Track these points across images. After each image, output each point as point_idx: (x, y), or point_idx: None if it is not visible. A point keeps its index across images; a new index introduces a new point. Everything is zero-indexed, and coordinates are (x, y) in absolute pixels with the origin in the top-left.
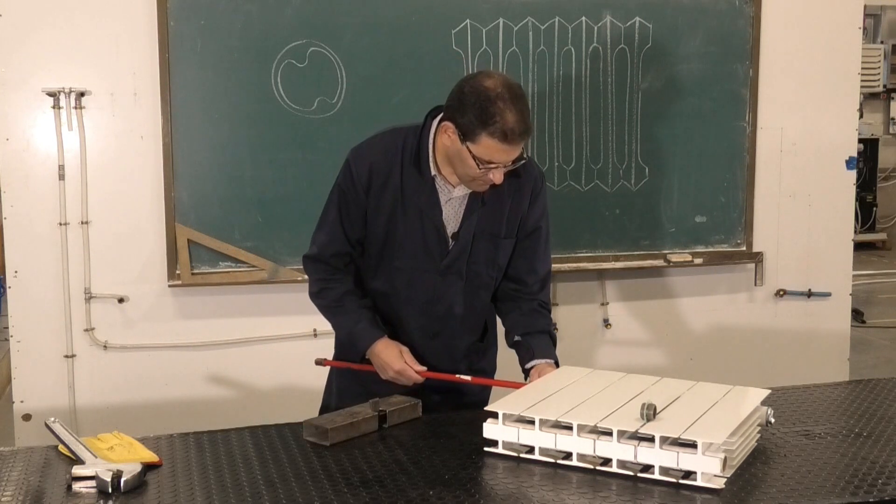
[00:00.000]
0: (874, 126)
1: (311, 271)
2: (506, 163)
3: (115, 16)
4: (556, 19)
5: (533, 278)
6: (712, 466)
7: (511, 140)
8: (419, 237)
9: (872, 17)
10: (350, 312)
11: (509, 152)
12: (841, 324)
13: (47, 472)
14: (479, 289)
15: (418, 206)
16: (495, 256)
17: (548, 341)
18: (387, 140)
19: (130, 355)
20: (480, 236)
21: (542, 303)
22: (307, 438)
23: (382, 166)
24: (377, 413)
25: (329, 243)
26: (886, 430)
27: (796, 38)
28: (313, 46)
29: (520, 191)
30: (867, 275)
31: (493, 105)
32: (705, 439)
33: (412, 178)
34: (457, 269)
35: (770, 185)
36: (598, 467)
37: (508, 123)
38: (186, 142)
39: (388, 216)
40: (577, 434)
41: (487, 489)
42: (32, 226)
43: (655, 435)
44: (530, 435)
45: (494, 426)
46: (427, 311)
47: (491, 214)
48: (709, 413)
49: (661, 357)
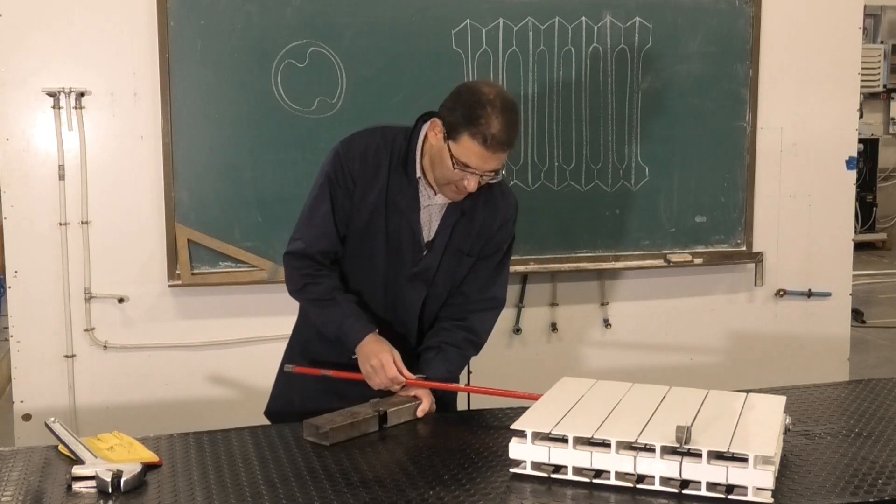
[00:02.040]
0: (874, 126)
1: (295, 268)
2: (482, 170)
3: (115, 16)
4: (556, 19)
5: (473, 295)
6: (765, 480)
7: (491, 146)
8: (396, 238)
9: (872, 17)
10: (341, 305)
11: (487, 159)
12: (841, 324)
13: (47, 472)
14: (436, 299)
15: (399, 206)
16: (455, 271)
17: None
18: (377, 136)
19: (130, 355)
20: (450, 250)
21: (469, 325)
22: (307, 438)
23: (372, 160)
24: (377, 413)
25: (319, 239)
26: (886, 430)
27: (796, 38)
28: (313, 46)
29: (493, 214)
30: (867, 275)
31: (483, 108)
32: (756, 452)
33: (398, 178)
34: (424, 278)
35: (770, 185)
36: (636, 485)
37: (492, 129)
38: (186, 142)
39: (372, 212)
40: (615, 451)
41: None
42: (32, 226)
43: (703, 449)
44: (563, 454)
45: (522, 445)
46: (390, 316)
47: (463, 231)
48: (742, 424)
49: (661, 357)
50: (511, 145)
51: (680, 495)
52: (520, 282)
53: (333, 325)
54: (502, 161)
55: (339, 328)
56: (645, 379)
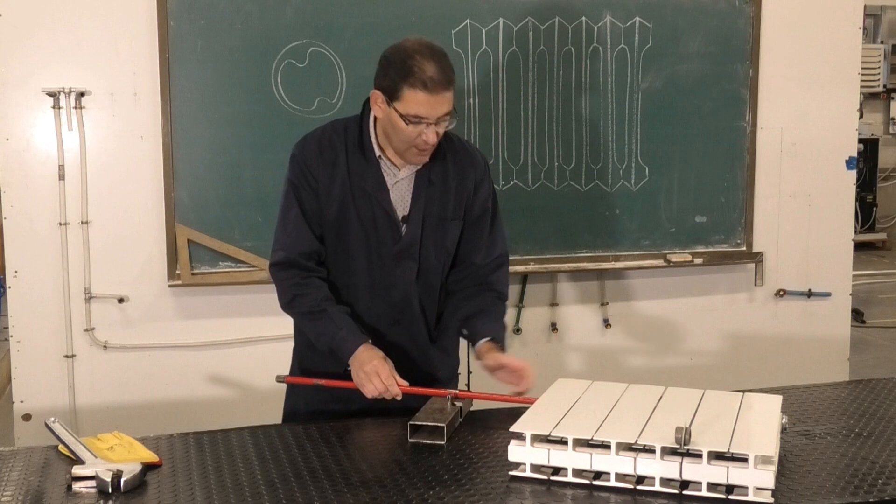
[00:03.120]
0: (874, 126)
1: (282, 279)
2: (432, 117)
3: (115, 16)
4: (556, 19)
5: (480, 261)
6: (765, 480)
7: (432, 89)
8: (371, 222)
9: (872, 17)
10: (332, 318)
11: (433, 104)
12: (841, 324)
13: (47, 472)
14: (430, 273)
15: (366, 190)
16: (444, 239)
17: (490, 319)
18: (328, 129)
19: (130, 355)
20: (429, 220)
21: (489, 284)
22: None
23: (328, 153)
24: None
25: (295, 242)
26: (886, 430)
27: (796, 38)
28: (313, 46)
29: (464, 173)
30: (867, 275)
31: (412, 59)
32: (757, 452)
33: (358, 163)
34: (410, 254)
35: (770, 185)
36: (636, 486)
37: (427, 72)
38: (186, 142)
39: (339, 203)
40: (615, 452)
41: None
42: (32, 226)
43: (703, 450)
44: (563, 456)
45: (521, 448)
46: (385, 299)
47: (438, 197)
48: (740, 424)
49: (660, 357)
50: (451, 83)
51: (680, 496)
52: (520, 282)
53: (326, 337)
54: (449, 103)
55: (332, 340)
56: (645, 379)
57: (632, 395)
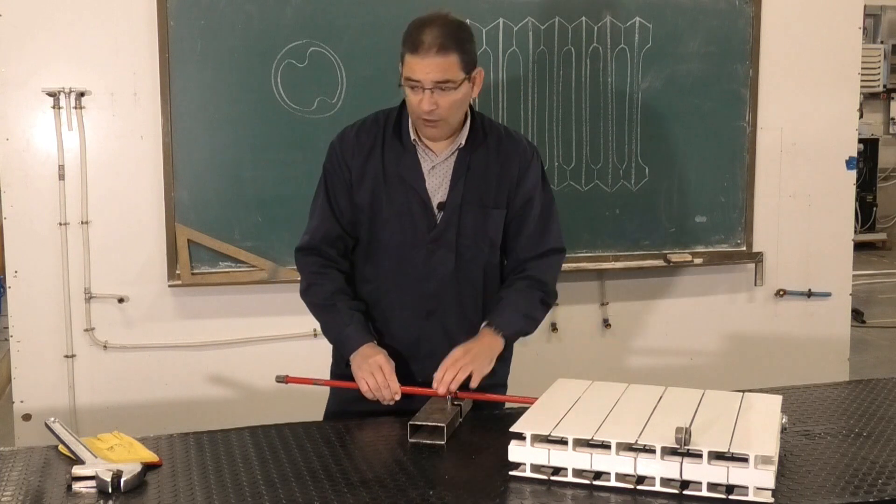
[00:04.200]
0: (874, 126)
1: (303, 265)
2: (424, 81)
3: (115, 16)
4: (556, 19)
5: (525, 255)
6: (765, 480)
7: (420, 51)
8: (405, 209)
9: (872, 17)
10: (340, 313)
11: (423, 67)
12: (841, 324)
13: (47, 472)
14: (470, 263)
15: (401, 175)
16: (485, 228)
17: (503, 305)
18: (370, 119)
19: (130, 355)
20: (468, 207)
21: (527, 272)
22: (418, 441)
23: (365, 141)
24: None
25: (319, 227)
26: (886, 430)
27: (796, 38)
28: (313, 46)
29: (508, 160)
30: (867, 275)
31: (413, 24)
32: (757, 452)
33: (394, 149)
34: (446, 243)
35: (770, 185)
36: (636, 486)
37: (418, 35)
38: (186, 142)
39: (373, 190)
40: (615, 452)
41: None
42: (32, 226)
43: (704, 450)
44: (563, 456)
45: (521, 448)
46: (418, 289)
47: (479, 184)
48: (740, 424)
49: (660, 357)
50: (444, 49)
51: (680, 496)
52: None
53: (333, 330)
54: (445, 70)
55: (339, 335)
56: (645, 379)
57: (632, 395)
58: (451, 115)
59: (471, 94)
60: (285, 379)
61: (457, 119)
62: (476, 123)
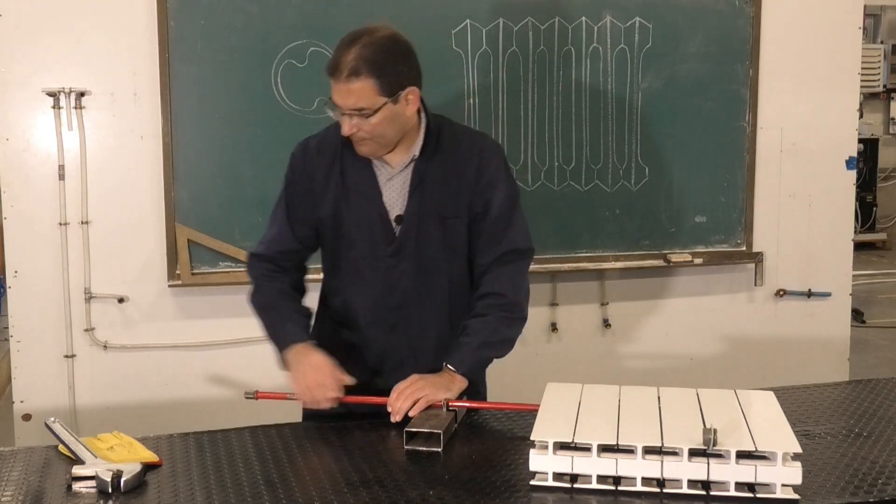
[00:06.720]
0: (874, 126)
1: (253, 270)
2: (341, 106)
3: (115, 16)
4: (556, 19)
5: (484, 261)
6: (793, 476)
7: (334, 75)
8: (364, 223)
9: (872, 17)
10: (281, 312)
11: (337, 91)
12: (841, 324)
13: (47, 472)
14: (434, 275)
15: (358, 188)
16: (446, 239)
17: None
18: (332, 129)
19: (130, 355)
20: (427, 218)
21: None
22: (414, 448)
23: (327, 152)
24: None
25: (275, 238)
26: (886, 430)
27: (796, 38)
28: (313, 46)
29: (464, 164)
30: (867, 275)
31: (338, 43)
32: (785, 449)
33: (351, 161)
34: (407, 255)
35: (770, 185)
36: (662, 489)
37: (334, 57)
38: (186, 142)
39: (333, 204)
40: (640, 457)
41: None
42: (32, 226)
43: (731, 450)
44: (586, 462)
45: (543, 457)
46: (382, 303)
47: (436, 194)
48: (753, 422)
49: (660, 357)
50: (355, 72)
51: (707, 497)
52: None
53: (272, 329)
54: (355, 96)
55: (277, 331)
56: (645, 379)
57: (629, 397)
58: (378, 135)
59: (403, 114)
60: (255, 395)
61: (390, 137)
62: (431, 131)
